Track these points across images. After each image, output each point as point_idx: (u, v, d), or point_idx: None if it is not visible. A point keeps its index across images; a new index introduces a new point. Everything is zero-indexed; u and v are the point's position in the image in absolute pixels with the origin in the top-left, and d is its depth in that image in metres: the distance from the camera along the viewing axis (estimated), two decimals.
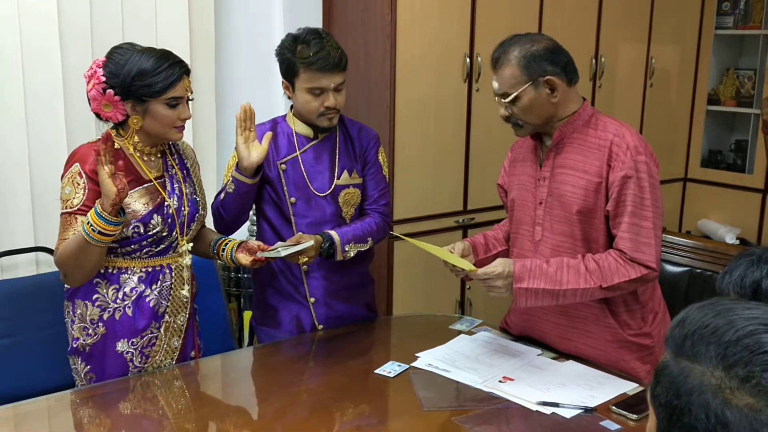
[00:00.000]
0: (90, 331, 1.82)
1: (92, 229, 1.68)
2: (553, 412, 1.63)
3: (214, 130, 2.82)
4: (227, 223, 2.07)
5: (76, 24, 2.46)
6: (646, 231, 1.73)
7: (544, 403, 1.66)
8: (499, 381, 1.78)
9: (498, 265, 1.75)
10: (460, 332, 2.10)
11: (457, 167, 3.07)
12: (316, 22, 3.02)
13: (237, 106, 2.93)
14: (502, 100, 1.79)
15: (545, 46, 1.79)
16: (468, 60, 2.97)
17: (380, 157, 2.18)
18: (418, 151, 2.93)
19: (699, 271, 2.42)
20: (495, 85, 1.81)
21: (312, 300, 2.11)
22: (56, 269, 2.42)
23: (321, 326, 2.12)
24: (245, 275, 2.80)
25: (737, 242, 3.84)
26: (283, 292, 2.12)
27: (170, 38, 2.60)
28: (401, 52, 2.80)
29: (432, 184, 3.00)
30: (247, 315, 2.78)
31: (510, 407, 1.67)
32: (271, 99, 2.97)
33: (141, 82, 1.74)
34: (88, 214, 1.70)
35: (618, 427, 1.58)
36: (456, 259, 1.81)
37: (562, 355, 1.92)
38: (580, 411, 1.63)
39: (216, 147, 2.83)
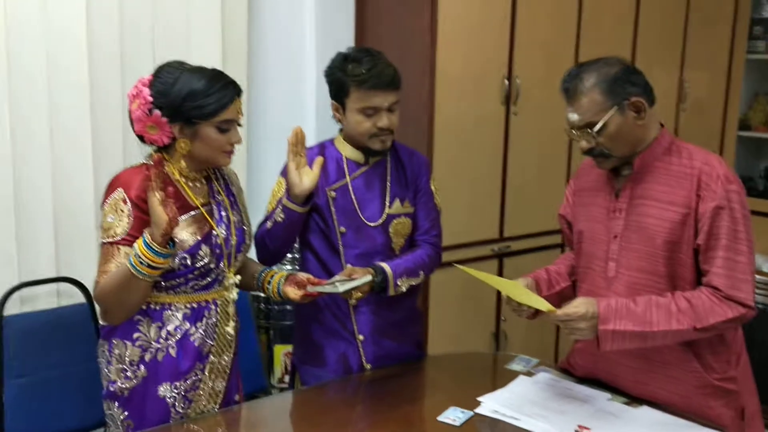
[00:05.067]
0: (129, 373, 1.65)
1: (140, 262, 1.52)
2: None
3: (245, 154, 2.68)
4: (272, 254, 1.92)
5: (105, 49, 2.33)
6: (741, 266, 1.60)
7: None
8: (575, 431, 1.63)
9: (580, 305, 1.61)
10: (518, 373, 1.95)
11: (493, 193, 2.95)
12: (348, 42, 2.92)
13: (268, 128, 2.84)
14: (588, 131, 1.66)
15: (622, 67, 1.68)
16: (506, 82, 2.87)
17: (432, 185, 2.05)
18: (455, 176, 2.81)
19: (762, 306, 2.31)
20: (574, 117, 1.67)
21: (361, 337, 1.96)
22: (80, 301, 2.28)
23: (369, 365, 1.97)
24: (275, 306, 2.65)
25: None
26: (328, 329, 1.97)
27: (203, 58, 2.47)
28: (440, 75, 2.69)
29: (467, 211, 2.87)
30: (278, 349, 2.63)
31: None
32: (302, 121, 2.84)
33: (192, 104, 1.60)
34: (135, 245, 1.54)
35: None
36: (531, 297, 1.66)
37: (633, 399, 1.78)
38: None
39: (246, 171, 2.70)
